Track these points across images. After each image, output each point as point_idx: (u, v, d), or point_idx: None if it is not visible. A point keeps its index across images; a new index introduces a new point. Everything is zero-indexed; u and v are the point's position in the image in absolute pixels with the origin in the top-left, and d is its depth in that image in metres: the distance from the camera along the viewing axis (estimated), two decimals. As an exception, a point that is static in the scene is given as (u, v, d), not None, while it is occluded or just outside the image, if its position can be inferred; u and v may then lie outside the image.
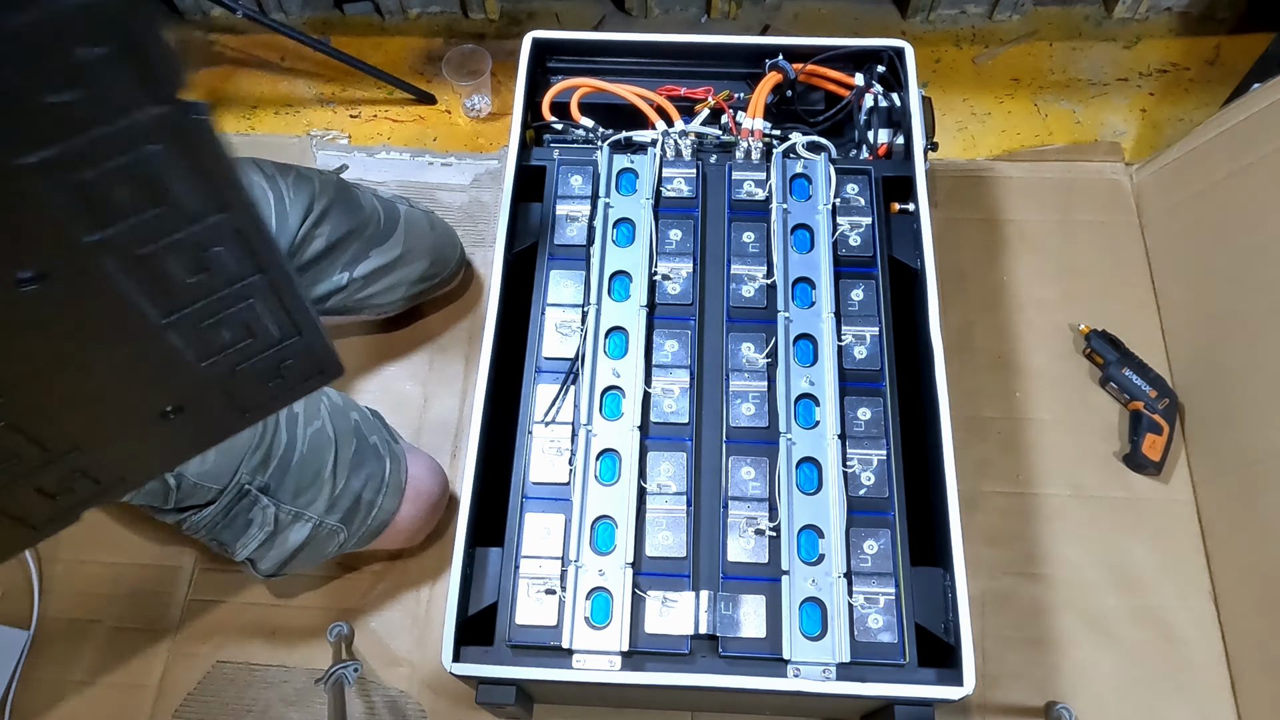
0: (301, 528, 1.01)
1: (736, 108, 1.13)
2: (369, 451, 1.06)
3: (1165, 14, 1.64)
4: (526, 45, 1.15)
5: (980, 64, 1.63)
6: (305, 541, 1.02)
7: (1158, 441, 1.22)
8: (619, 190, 1.07)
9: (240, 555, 1.02)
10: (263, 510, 0.99)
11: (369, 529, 1.06)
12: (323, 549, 1.04)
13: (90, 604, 1.21)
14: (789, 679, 0.84)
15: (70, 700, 1.16)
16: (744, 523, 0.91)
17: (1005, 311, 1.36)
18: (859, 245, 1.04)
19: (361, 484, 1.05)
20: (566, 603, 0.87)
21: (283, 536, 1.01)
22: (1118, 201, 1.43)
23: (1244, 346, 1.17)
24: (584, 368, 0.97)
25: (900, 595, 0.87)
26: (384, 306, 1.23)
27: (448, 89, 1.62)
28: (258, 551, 1.01)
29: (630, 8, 1.67)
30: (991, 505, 1.23)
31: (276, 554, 1.02)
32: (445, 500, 1.18)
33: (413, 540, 1.16)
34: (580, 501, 0.91)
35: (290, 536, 1.02)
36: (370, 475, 1.05)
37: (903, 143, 1.12)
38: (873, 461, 0.93)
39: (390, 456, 1.08)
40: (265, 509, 0.99)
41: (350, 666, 1.04)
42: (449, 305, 1.38)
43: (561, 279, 1.03)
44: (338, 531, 1.04)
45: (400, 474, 1.09)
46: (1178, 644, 1.15)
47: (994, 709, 1.12)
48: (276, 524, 1.00)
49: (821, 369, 0.96)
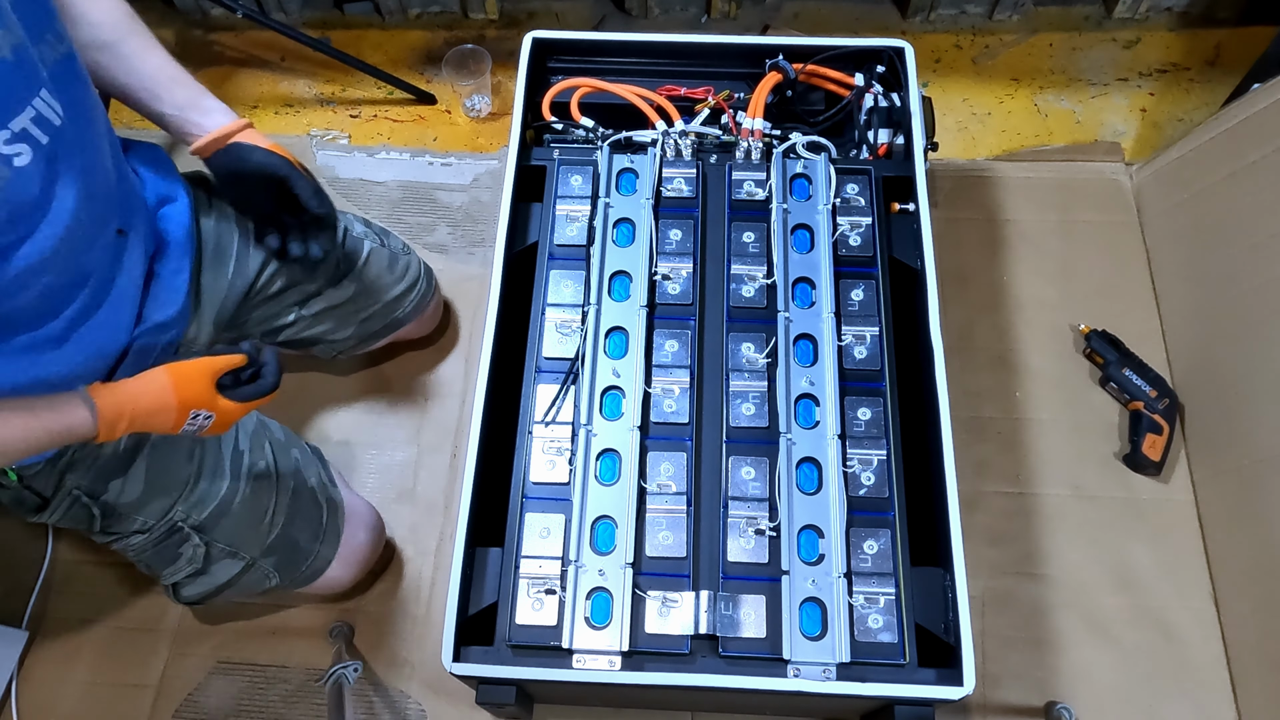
0: (232, 564, 1.01)
1: (736, 108, 1.13)
2: (307, 496, 1.06)
3: (1165, 14, 1.64)
4: (526, 45, 1.15)
5: (980, 64, 1.63)
6: (235, 578, 1.02)
7: (1158, 441, 1.22)
8: (619, 190, 1.07)
9: (165, 581, 1.02)
10: (194, 547, 0.99)
11: (303, 575, 1.06)
12: (253, 587, 1.04)
13: (90, 604, 1.21)
14: (789, 679, 0.84)
15: (70, 700, 1.16)
16: (744, 523, 0.91)
17: (1005, 311, 1.36)
18: (859, 245, 1.04)
19: (298, 530, 1.04)
20: (566, 603, 0.87)
21: (212, 571, 1.01)
22: (1118, 201, 1.43)
23: (1244, 346, 1.17)
24: (584, 368, 0.97)
25: (900, 595, 0.87)
26: (337, 344, 1.19)
27: (448, 89, 1.62)
28: (184, 580, 1.01)
29: (630, 8, 1.67)
30: (991, 505, 1.23)
31: (202, 586, 1.02)
32: (381, 547, 1.16)
33: (346, 587, 1.14)
34: (580, 501, 0.91)
35: (219, 572, 1.01)
36: (308, 521, 1.05)
37: (903, 143, 1.12)
38: (873, 461, 0.93)
39: (328, 503, 1.07)
40: (196, 546, 0.99)
41: (350, 666, 1.04)
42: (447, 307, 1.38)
43: (561, 279, 1.03)
44: (270, 575, 1.04)
45: (338, 521, 1.08)
46: (1178, 644, 1.15)
47: (994, 709, 1.12)
48: (207, 559, 1.00)
49: (821, 369, 0.96)
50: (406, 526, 1.24)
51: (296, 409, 1.31)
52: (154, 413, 0.81)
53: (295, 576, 1.05)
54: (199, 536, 0.99)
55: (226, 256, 1.04)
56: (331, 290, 1.13)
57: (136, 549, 0.99)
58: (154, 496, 0.95)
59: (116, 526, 0.97)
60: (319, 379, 1.34)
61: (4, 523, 1.25)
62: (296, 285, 1.11)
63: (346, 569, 1.08)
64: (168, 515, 0.97)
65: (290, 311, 1.13)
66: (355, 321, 1.17)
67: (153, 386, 0.82)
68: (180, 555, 0.99)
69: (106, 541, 0.99)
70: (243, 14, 1.46)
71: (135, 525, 0.97)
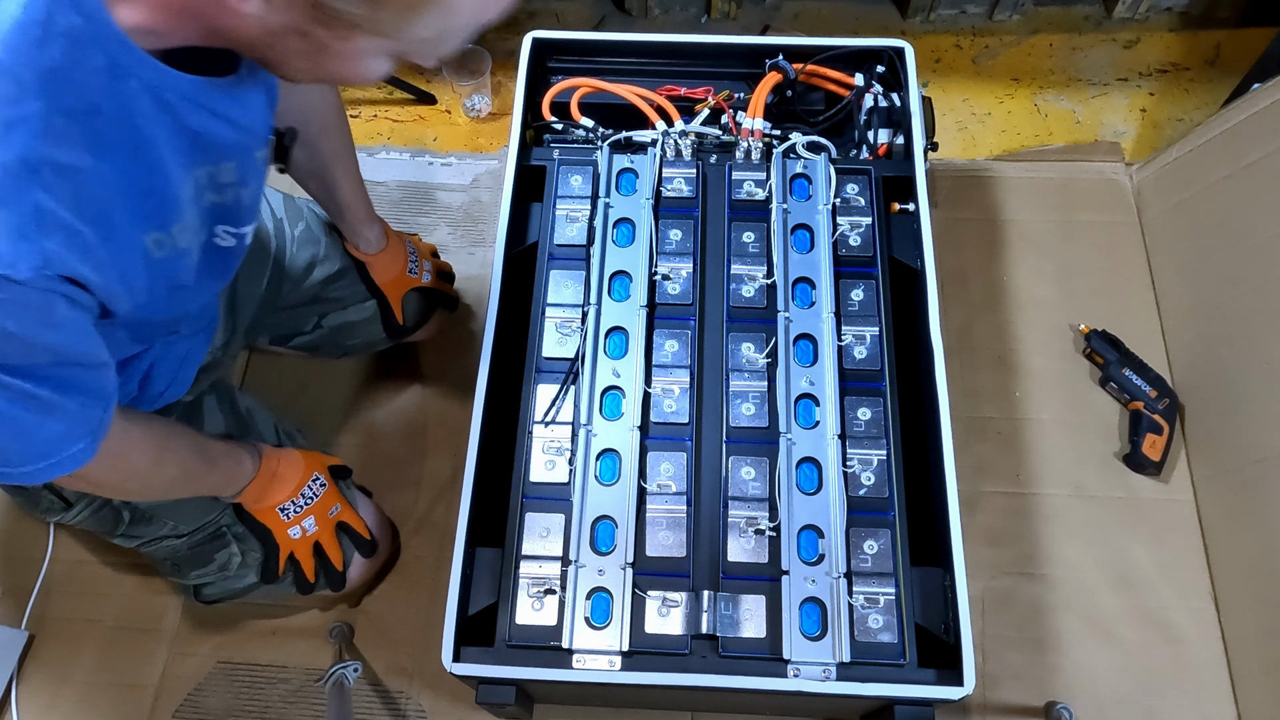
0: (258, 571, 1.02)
1: (736, 108, 1.13)
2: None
3: (1165, 14, 1.64)
4: (526, 45, 1.15)
5: (980, 64, 1.63)
6: (257, 584, 1.03)
7: (1158, 441, 1.22)
8: (619, 190, 1.07)
9: (190, 582, 1.03)
10: (230, 554, 1.01)
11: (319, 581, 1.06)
12: (274, 592, 1.05)
13: (90, 604, 1.21)
14: (789, 679, 0.84)
15: (70, 700, 1.16)
16: (744, 523, 0.91)
17: (1005, 311, 1.36)
18: (859, 245, 1.04)
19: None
20: (566, 603, 0.87)
21: (238, 575, 1.02)
22: (1118, 201, 1.43)
23: (1244, 346, 1.17)
24: (584, 368, 0.97)
25: (900, 595, 0.87)
26: (343, 346, 1.21)
27: (448, 89, 1.62)
28: (209, 583, 1.03)
29: (630, 8, 1.67)
30: (991, 505, 1.23)
31: (224, 588, 1.03)
32: (390, 549, 1.18)
33: (358, 587, 1.15)
34: (580, 501, 0.91)
35: (244, 577, 1.03)
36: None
37: (903, 143, 1.12)
38: (873, 461, 0.93)
39: (353, 505, 1.07)
40: (233, 555, 1.01)
41: (350, 666, 1.04)
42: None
43: (561, 279, 1.03)
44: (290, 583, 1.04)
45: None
46: (1178, 644, 1.15)
47: (994, 709, 1.12)
48: (242, 565, 1.02)
49: (821, 369, 0.96)
50: (407, 527, 1.24)
51: (297, 409, 1.31)
52: (289, 469, 0.98)
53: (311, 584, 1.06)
54: (238, 545, 1.00)
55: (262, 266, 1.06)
56: (355, 306, 1.16)
57: (168, 549, 0.99)
58: (192, 501, 0.96)
59: (142, 531, 0.98)
60: (320, 379, 1.34)
61: (4, 523, 1.25)
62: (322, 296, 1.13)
63: (359, 570, 1.08)
64: (211, 520, 0.98)
65: (310, 322, 1.15)
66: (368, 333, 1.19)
67: (288, 453, 1.00)
68: (214, 560, 1.01)
69: (129, 545, 0.99)
70: (243, 14, 1.46)
71: (165, 530, 0.98)
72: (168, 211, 0.67)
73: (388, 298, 1.15)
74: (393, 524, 1.20)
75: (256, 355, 1.36)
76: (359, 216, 1.10)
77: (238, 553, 1.00)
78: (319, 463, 1.03)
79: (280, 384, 1.34)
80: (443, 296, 1.24)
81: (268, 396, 1.33)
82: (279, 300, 1.09)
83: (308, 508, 0.99)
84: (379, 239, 1.13)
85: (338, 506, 1.03)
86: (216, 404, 1.01)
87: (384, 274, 1.14)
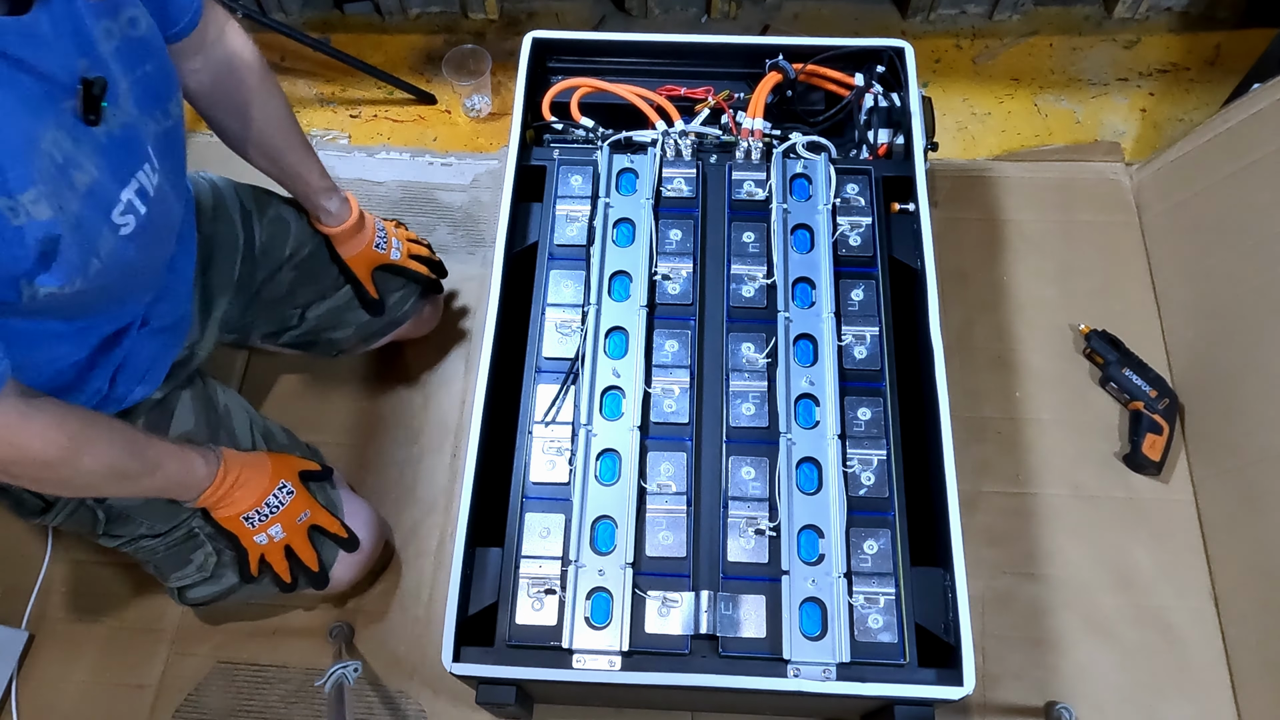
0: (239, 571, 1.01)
1: (736, 108, 1.13)
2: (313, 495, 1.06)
3: (1165, 14, 1.64)
4: (526, 45, 1.15)
5: (980, 64, 1.63)
6: (241, 583, 1.02)
7: (1158, 441, 1.22)
8: (619, 190, 1.07)
9: (173, 585, 1.02)
10: (206, 555, 1.00)
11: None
12: (259, 592, 1.04)
13: (90, 604, 1.21)
14: (789, 679, 0.84)
15: (70, 700, 1.16)
16: (744, 523, 0.91)
17: (1005, 311, 1.36)
18: (859, 245, 1.04)
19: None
20: (566, 603, 0.87)
21: (220, 577, 1.02)
22: (1118, 201, 1.43)
23: (1244, 346, 1.17)
24: (584, 368, 0.97)
25: (900, 595, 0.87)
26: (338, 343, 1.20)
27: (448, 89, 1.62)
28: (191, 585, 1.02)
29: (630, 8, 1.67)
30: (991, 505, 1.23)
31: (209, 590, 1.03)
32: (381, 547, 1.16)
33: (346, 587, 1.13)
34: (580, 501, 0.91)
35: (227, 577, 1.02)
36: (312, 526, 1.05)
37: (903, 143, 1.12)
38: (873, 461, 0.93)
39: (329, 506, 1.07)
40: (209, 555, 1.00)
41: (350, 666, 1.03)
42: (447, 307, 1.38)
43: (561, 279, 1.03)
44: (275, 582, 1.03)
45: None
46: (1178, 644, 1.15)
47: (994, 709, 1.12)
48: (218, 565, 1.01)
49: (821, 369, 0.96)
50: (406, 526, 1.24)
51: (296, 409, 1.31)
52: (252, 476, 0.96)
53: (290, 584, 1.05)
54: (212, 545, 1.00)
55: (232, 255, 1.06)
56: (336, 293, 1.15)
57: (147, 551, 0.99)
58: (160, 501, 0.96)
59: (121, 530, 0.97)
60: (319, 379, 1.34)
61: (4, 523, 1.25)
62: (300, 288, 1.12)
63: (347, 569, 1.08)
64: (183, 521, 0.98)
65: (294, 315, 1.14)
66: (356, 321, 1.18)
67: (255, 458, 0.98)
68: (191, 561, 1.00)
69: (112, 545, 0.99)
70: (242, 14, 1.47)
71: (141, 529, 0.97)
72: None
73: (355, 273, 1.14)
74: (386, 523, 1.19)
75: (256, 356, 1.37)
76: (314, 186, 1.08)
77: (213, 552, 1.00)
78: (288, 468, 1.01)
79: (279, 384, 1.34)
80: (423, 279, 1.21)
81: (267, 397, 1.33)
82: (258, 290, 1.09)
83: (273, 516, 0.97)
84: (342, 210, 1.11)
85: (307, 513, 1.01)
86: (190, 400, 1.01)
87: (350, 249, 1.13)
